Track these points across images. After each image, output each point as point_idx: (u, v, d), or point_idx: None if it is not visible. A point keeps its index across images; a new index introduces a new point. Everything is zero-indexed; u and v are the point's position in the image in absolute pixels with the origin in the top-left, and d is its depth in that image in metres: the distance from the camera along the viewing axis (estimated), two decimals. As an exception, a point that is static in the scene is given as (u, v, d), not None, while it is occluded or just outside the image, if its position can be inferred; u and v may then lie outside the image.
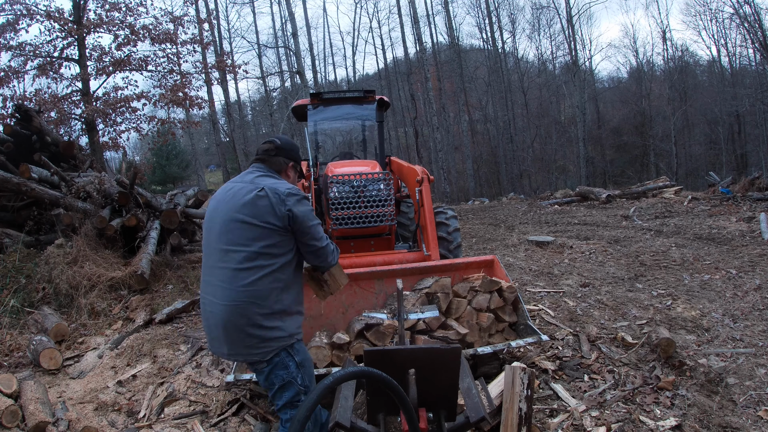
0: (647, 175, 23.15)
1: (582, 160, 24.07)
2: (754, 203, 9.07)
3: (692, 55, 28.94)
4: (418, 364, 1.60)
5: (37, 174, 6.12)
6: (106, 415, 3.29)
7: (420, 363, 1.60)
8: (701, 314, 4.15)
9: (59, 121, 10.35)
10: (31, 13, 9.98)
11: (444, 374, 1.64)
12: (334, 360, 3.09)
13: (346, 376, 1.13)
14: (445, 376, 1.64)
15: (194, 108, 12.34)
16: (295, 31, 22.17)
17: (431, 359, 1.63)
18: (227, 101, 25.15)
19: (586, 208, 11.03)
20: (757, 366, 3.23)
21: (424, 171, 4.20)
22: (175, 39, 11.17)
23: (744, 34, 22.55)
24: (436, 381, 1.64)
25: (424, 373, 1.59)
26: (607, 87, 32.62)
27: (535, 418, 2.73)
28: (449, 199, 20.88)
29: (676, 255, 6.05)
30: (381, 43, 33.68)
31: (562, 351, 3.60)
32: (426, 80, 22.50)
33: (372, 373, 1.19)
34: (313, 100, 5.51)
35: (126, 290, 5.25)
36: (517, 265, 6.08)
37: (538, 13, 28.53)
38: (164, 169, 28.90)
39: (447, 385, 1.66)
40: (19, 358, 4.04)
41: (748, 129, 23.99)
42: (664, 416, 2.74)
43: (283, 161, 2.25)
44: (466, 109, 28.96)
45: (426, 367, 1.60)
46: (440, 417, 1.71)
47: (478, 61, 30.97)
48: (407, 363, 1.58)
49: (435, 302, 3.29)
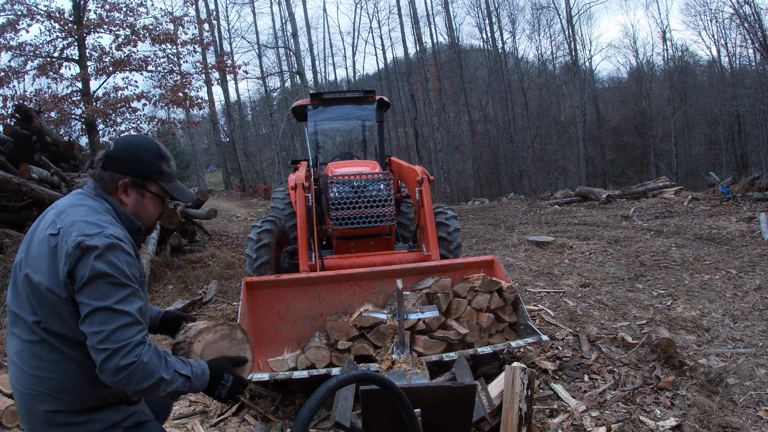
0: (647, 176, 23.15)
1: (582, 160, 24.08)
2: (754, 203, 9.06)
3: (692, 56, 29.02)
4: (427, 403, 1.40)
5: (38, 174, 6.13)
6: (106, 416, 3.29)
7: (430, 402, 1.41)
8: (701, 314, 4.15)
9: (59, 122, 10.36)
10: (32, 13, 9.98)
11: (455, 415, 1.45)
12: (334, 360, 3.09)
13: (349, 379, 1.12)
14: (457, 417, 1.45)
15: (194, 108, 12.36)
16: (295, 32, 22.20)
17: (441, 399, 1.43)
18: (227, 101, 25.18)
19: (586, 209, 11.03)
20: (757, 366, 3.22)
21: (424, 171, 4.20)
22: (175, 39, 11.17)
23: (744, 34, 22.62)
24: (447, 423, 1.44)
25: (434, 413, 1.41)
26: (607, 87, 32.68)
27: (535, 418, 2.73)
28: (449, 200, 20.89)
29: (676, 255, 6.05)
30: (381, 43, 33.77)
31: (562, 351, 3.59)
32: (426, 80, 22.51)
33: (375, 377, 1.19)
34: (313, 101, 5.51)
35: (126, 290, 5.24)
36: (517, 266, 6.08)
37: (538, 13, 28.62)
38: (164, 169, 28.84)
39: (459, 426, 1.46)
40: (19, 358, 4.03)
41: (748, 129, 24.00)
42: (664, 416, 2.74)
43: (112, 177, 1.46)
44: (466, 110, 28.98)
45: (437, 407, 1.41)
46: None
47: (478, 61, 31.02)
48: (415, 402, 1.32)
49: (435, 302, 3.29)
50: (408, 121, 28.08)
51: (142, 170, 1.47)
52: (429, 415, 1.39)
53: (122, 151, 1.47)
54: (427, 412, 1.39)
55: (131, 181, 1.46)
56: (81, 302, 1.26)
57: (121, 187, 1.46)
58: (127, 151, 1.47)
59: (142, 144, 1.50)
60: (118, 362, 1.22)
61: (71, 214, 1.35)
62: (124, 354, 1.23)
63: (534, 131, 27.93)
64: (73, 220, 1.33)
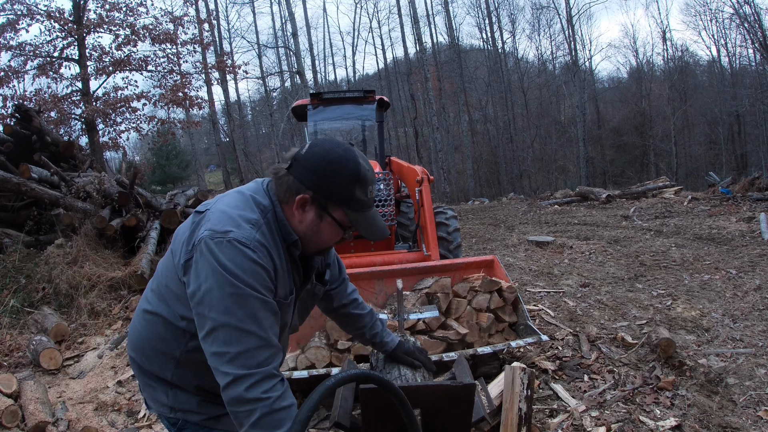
0: (647, 175, 23.15)
1: (582, 160, 24.08)
2: (754, 203, 9.06)
3: (692, 55, 28.98)
4: (426, 402, 1.39)
5: (37, 174, 6.12)
6: (106, 415, 3.29)
7: (429, 401, 1.40)
8: (701, 314, 4.15)
9: (59, 121, 10.37)
10: (32, 13, 10.00)
11: (456, 414, 1.43)
12: (334, 360, 3.09)
13: (347, 378, 1.12)
14: (457, 416, 1.43)
15: (194, 108, 12.38)
16: (295, 31, 22.19)
17: (440, 398, 1.42)
18: (227, 101, 25.16)
19: (586, 208, 11.03)
20: (757, 366, 3.22)
21: (424, 171, 4.20)
22: (175, 39, 11.19)
23: (744, 34, 22.59)
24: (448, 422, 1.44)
25: (433, 412, 1.40)
26: (607, 87, 32.65)
27: (535, 418, 2.73)
28: (449, 199, 20.88)
29: (676, 255, 6.04)
30: (381, 43, 33.73)
31: (562, 351, 3.59)
32: (426, 80, 22.50)
33: (374, 376, 1.18)
34: (313, 100, 5.51)
35: (126, 290, 5.24)
36: (516, 265, 6.08)
37: (538, 13, 28.56)
38: (164, 169, 28.87)
39: (458, 426, 1.44)
40: (19, 358, 4.04)
41: (748, 129, 24.00)
42: (664, 416, 2.74)
43: (292, 186, 1.23)
44: (466, 109, 28.97)
45: (435, 406, 1.40)
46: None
47: (478, 61, 30.99)
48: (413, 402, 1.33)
49: (435, 302, 3.29)
50: (408, 120, 28.07)
51: (329, 191, 1.21)
52: (428, 414, 1.39)
53: (313, 159, 1.21)
54: (426, 411, 1.38)
55: (312, 198, 1.22)
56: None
57: (298, 202, 1.22)
58: (318, 163, 1.20)
59: (337, 159, 1.21)
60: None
61: (224, 202, 1.27)
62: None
63: (534, 131, 27.91)
64: (221, 208, 1.23)
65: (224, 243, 1.13)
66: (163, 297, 1.30)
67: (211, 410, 1.35)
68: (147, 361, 1.35)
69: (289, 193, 1.23)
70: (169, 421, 1.37)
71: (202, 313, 1.13)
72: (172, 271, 1.27)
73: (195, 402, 1.34)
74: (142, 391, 1.42)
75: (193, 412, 1.34)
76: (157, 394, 1.35)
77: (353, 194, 1.22)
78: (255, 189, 1.29)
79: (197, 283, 1.14)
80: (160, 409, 1.37)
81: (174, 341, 1.29)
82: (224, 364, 1.10)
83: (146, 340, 1.34)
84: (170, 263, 1.29)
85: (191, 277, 1.16)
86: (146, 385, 1.38)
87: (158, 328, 1.31)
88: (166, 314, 1.29)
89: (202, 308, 1.13)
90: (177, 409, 1.34)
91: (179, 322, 1.27)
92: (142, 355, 1.36)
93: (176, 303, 1.26)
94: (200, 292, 1.13)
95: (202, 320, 1.14)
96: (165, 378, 1.33)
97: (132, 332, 1.40)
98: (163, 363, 1.33)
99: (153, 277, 1.39)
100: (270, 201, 1.26)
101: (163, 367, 1.33)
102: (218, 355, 1.11)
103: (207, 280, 1.12)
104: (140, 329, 1.36)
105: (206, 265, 1.13)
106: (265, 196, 1.27)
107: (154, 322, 1.31)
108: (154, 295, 1.34)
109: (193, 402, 1.34)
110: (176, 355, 1.30)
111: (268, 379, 1.11)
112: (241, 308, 1.11)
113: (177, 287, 1.25)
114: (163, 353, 1.32)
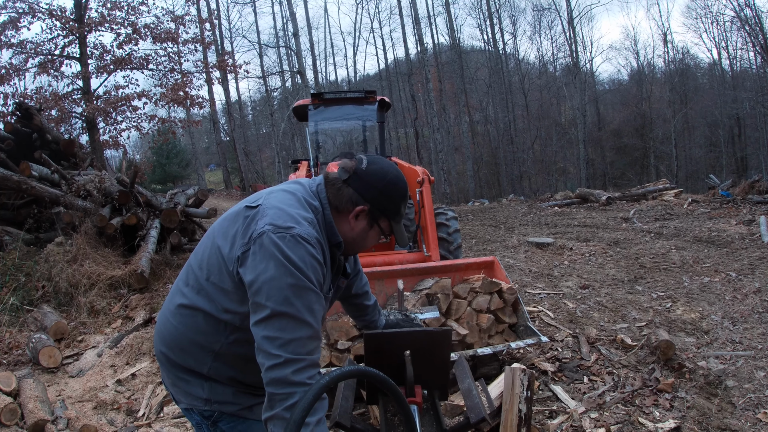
0: (647, 178, 23.14)
1: (582, 162, 24.11)
2: (754, 206, 9.07)
3: (693, 58, 29.07)
4: (413, 345, 1.71)
5: (38, 172, 6.12)
6: (105, 414, 3.29)
7: (415, 345, 1.71)
8: (701, 317, 4.15)
9: (60, 119, 10.37)
10: (34, 11, 10.00)
11: (437, 355, 1.77)
12: (334, 360, 3.09)
13: (343, 375, 1.12)
14: (437, 357, 1.78)
15: (195, 107, 12.36)
16: (296, 31, 22.21)
17: (425, 341, 1.75)
18: (228, 100, 25.18)
19: (586, 210, 11.03)
20: (757, 369, 3.23)
21: (425, 172, 4.20)
22: (176, 38, 11.18)
23: (745, 37, 22.65)
24: (430, 361, 1.76)
25: (419, 353, 1.70)
26: (607, 89, 32.68)
27: (535, 419, 2.73)
28: (449, 200, 20.88)
29: (675, 257, 6.05)
30: (382, 43, 33.83)
31: (562, 352, 3.60)
32: (427, 81, 22.50)
33: (369, 372, 1.18)
34: (314, 100, 5.51)
35: (126, 289, 5.24)
36: (516, 267, 6.08)
37: (539, 14, 28.64)
38: (164, 168, 28.86)
39: (439, 364, 1.79)
40: (18, 356, 4.03)
41: (749, 132, 24.02)
42: (664, 418, 2.74)
43: (352, 198, 1.35)
44: (466, 111, 28.99)
45: (421, 349, 1.71)
46: (434, 395, 1.83)
47: (479, 62, 31.04)
48: (404, 345, 1.69)
49: (435, 303, 3.29)
50: (408, 121, 28.10)
51: (385, 206, 1.37)
52: (415, 354, 1.69)
53: (375, 176, 1.35)
54: (413, 352, 1.68)
55: (369, 210, 1.36)
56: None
57: (356, 212, 1.36)
58: (380, 181, 1.35)
59: (394, 180, 1.38)
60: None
61: (276, 198, 1.34)
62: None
63: (534, 133, 27.93)
64: (275, 204, 1.30)
65: (288, 237, 1.20)
66: (203, 291, 1.33)
67: (245, 400, 1.41)
68: (182, 356, 1.38)
69: (349, 204, 1.35)
70: (202, 414, 1.41)
71: (259, 302, 1.19)
72: (217, 264, 1.31)
73: (230, 393, 1.40)
74: (172, 386, 1.45)
75: (229, 403, 1.39)
76: (192, 387, 1.39)
77: (400, 209, 1.41)
78: (303, 191, 1.38)
79: (255, 273, 1.20)
80: (193, 403, 1.40)
81: (214, 334, 1.33)
82: (276, 347, 1.16)
83: (183, 335, 1.37)
84: (215, 256, 1.32)
85: (248, 267, 1.22)
86: (179, 379, 1.41)
87: (197, 322, 1.34)
88: (207, 308, 1.32)
89: (260, 297, 1.18)
90: (213, 401, 1.39)
91: (222, 315, 1.31)
92: (178, 350, 1.39)
93: (220, 296, 1.30)
94: (259, 282, 1.19)
95: (258, 308, 1.19)
96: (201, 372, 1.37)
97: (164, 328, 1.42)
98: (200, 357, 1.37)
99: (183, 273, 1.43)
100: (320, 203, 1.37)
101: (200, 361, 1.37)
102: (270, 339, 1.17)
103: (267, 271, 1.18)
104: (176, 324, 1.38)
105: (268, 257, 1.19)
106: (314, 198, 1.37)
107: (192, 316, 1.35)
108: (190, 290, 1.37)
109: (228, 393, 1.39)
110: (216, 348, 1.34)
111: (313, 367, 1.19)
112: (299, 299, 1.18)
113: (222, 280, 1.29)
114: (202, 347, 1.35)
